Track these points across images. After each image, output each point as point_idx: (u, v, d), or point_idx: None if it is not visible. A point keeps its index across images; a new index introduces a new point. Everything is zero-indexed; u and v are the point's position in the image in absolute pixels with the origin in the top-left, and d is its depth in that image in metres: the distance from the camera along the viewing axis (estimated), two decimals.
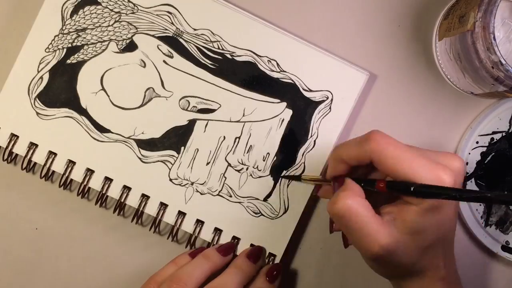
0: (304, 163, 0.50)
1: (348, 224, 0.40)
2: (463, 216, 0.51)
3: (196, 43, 0.49)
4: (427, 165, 0.39)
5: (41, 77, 0.49)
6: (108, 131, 0.49)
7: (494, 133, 0.51)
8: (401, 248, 0.40)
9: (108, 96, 0.49)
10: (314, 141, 0.50)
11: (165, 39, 0.49)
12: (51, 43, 0.49)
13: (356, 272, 0.53)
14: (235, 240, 0.50)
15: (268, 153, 0.50)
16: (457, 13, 0.45)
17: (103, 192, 0.50)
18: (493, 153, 0.51)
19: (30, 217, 0.52)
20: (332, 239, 0.52)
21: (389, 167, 0.40)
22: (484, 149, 0.51)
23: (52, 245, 0.52)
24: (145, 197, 0.50)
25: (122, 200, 0.50)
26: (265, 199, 0.50)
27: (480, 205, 0.52)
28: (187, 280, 0.46)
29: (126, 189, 0.50)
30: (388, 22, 0.51)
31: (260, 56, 0.49)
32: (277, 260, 0.50)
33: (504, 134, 0.51)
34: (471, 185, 0.51)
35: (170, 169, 0.50)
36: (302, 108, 0.50)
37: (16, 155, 0.50)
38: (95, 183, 0.50)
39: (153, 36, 0.49)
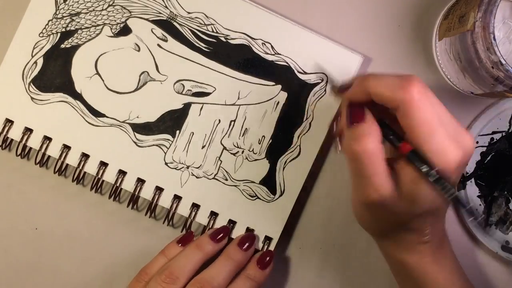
0: (299, 145, 0.50)
1: (359, 167, 0.38)
2: (463, 216, 0.51)
3: (190, 27, 0.49)
4: (451, 145, 0.38)
5: (35, 62, 0.49)
6: (103, 115, 0.49)
7: (494, 133, 0.51)
8: (395, 205, 0.39)
9: (103, 80, 0.49)
10: (310, 123, 0.50)
11: (159, 23, 0.49)
12: (45, 28, 0.49)
13: (356, 272, 0.52)
14: (231, 224, 0.50)
15: (264, 136, 0.50)
16: (457, 13, 0.45)
17: (99, 177, 0.49)
18: (493, 153, 0.51)
19: (30, 217, 0.52)
20: (332, 237, 0.52)
21: (417, 135, 0.37)
22: (484, 149, 0.51)
23: (51, 238, 0.52)
24: (140, 181, 0.50)
25: (117, 185, 0.49)
26: (261, 182, 0.50)
27: (480, 205, 0.51)
28: (179, 274, 0.46)
29: (122, 173, 0.49)
30: (388, 22, 0.51)
31: (255, 39, 0.49)
32: (273, 244, 0.50)
33: (504, 134, 0.51)
34: (471, 185, 0.51)
35: (165, 153, 0.50)
36: (297, 90, 0.49)
37: (11, 140, 0.50)
38: (91, 168, 0.49)
39: (147, 20, 0.49)
